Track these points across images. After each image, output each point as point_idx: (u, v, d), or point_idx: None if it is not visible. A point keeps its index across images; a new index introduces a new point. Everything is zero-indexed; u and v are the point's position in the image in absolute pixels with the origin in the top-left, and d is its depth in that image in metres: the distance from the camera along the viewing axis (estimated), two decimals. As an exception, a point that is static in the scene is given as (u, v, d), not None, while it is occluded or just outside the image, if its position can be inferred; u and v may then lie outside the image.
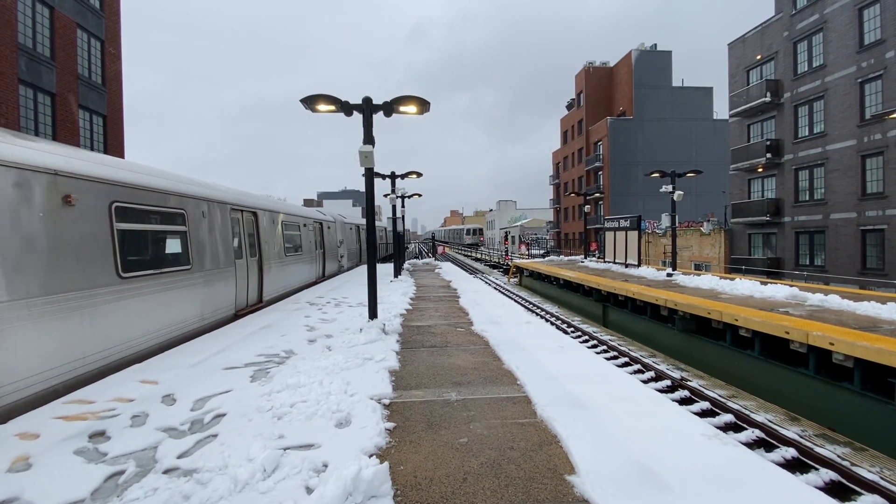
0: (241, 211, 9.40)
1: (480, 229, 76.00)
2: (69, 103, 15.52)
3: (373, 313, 7.35)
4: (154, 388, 4.66)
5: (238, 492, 2.79)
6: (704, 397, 8.38)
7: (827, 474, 5.73)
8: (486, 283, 25.56)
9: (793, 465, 6.09)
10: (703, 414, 7.80)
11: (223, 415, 3.98)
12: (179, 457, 3.25)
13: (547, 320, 16.10)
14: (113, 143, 17.87)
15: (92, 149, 16.76)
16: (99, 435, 3.61)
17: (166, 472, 3.05)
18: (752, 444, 6.70)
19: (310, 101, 6.79)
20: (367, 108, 6.96)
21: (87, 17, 16.74)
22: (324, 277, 16.32)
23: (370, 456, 3.21)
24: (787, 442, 6.56)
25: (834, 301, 9.92)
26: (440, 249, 51.06)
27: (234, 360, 5.69)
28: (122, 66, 18.66)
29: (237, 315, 8.71)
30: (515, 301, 19.73)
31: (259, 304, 10.01)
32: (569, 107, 54.97)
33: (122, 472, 3.04)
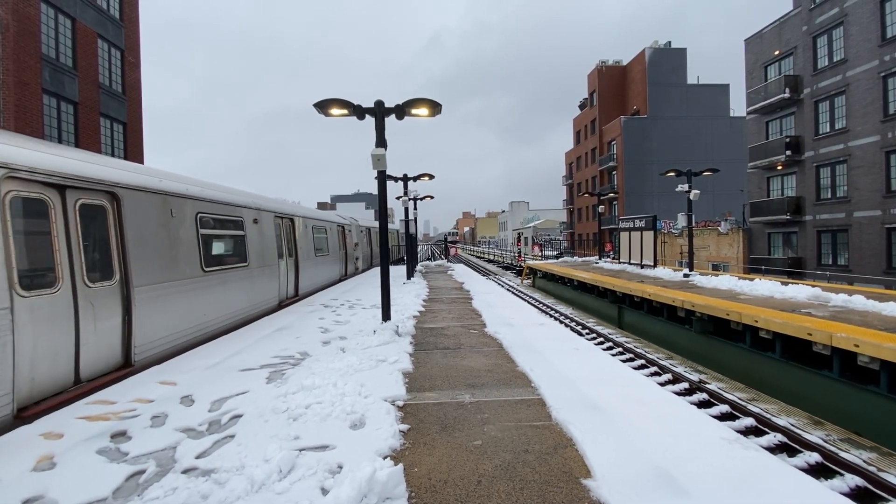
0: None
1: (456, 232, 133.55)
2: (91, 111, 15.95)
3: (386, 315, 7.38)
4: (173, 389, 4.75)
5: (255, 492, 2.82)
6: (723, 400, 8.21)
7: (853, 480, 5.57)
8: (499, 284, 25.48)
9: (816, 471, 5.93)
10: (722, 417, 7.65)
11: (240, 416, 4.04)
12: (198, 457, 3.30)
13: (561, 322, 15.97)
14: (132, 150, 18.31)
15: (112, 154, 17.20)
16: (120, 435, 3.69)
17: (185, 471, 3.10)
18: (774, 449, 6.54)
19: (323, 106, 6.87)
20: (379, 112, 7.00)
21: (108, 28, 17.19)
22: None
23: (384, 457, 3.22)
24: (811, 446, 6.39)
25: (858, 301, 9.64)
26: (452, 251, 51.07)
27: (250, 362, 5.76)
28: (140, 74, 19.12)
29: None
30: (528, 303, 19.62)
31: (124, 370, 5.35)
32: (581, 106, 54.54)
33: (142, 472, 3.10)
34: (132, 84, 18.54)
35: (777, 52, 24.10)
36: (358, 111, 6.99)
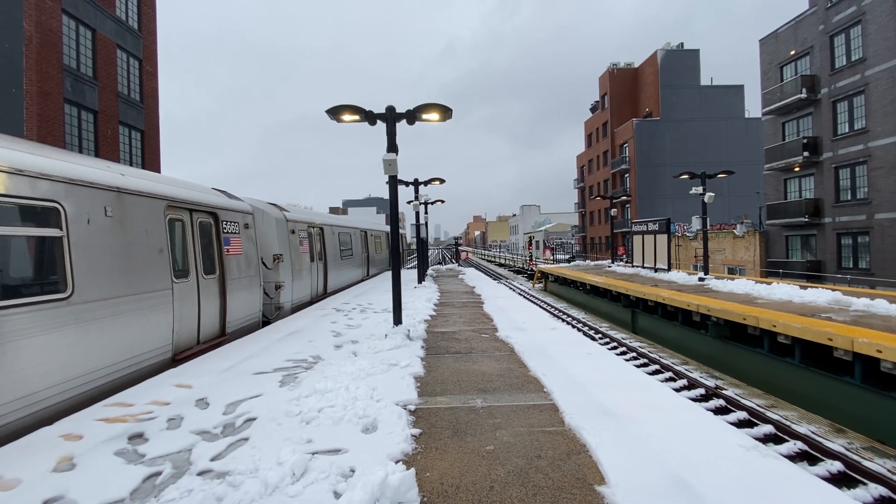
0: None
1: (460, 237, 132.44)
2: (110, 120, 16.35)
3: (397, 319, 7.40)
4: (188, 392, 4.81)
5: (268, 495, 2.84)
6: (741, 406, 8.05)
7: (876, 490, 5.41)
8: (510, 288, 25.39)
9: (839, 480, 5.77)
10: (739, 424, 7.49)
11: (254, 419, 4.07)
12: (213, 459, 3.33)
13: (573, 326, 15.84)
14: (150, 157, 18.70)
15: (130, 162, 17.59)
16: (137, 437, 3.75)
17: (200, 473, 3.14)
18: (794, 457, 6.39)
19: (335, 112, 6.94)
20: (391, 117, 7.05)
21: (126, 38, 17.64)
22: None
23: (397, 462, 3.21)
24: (832, 455, 6.22)
25: (881, 305, 9.40)
26: (463, 255, 51.09)
27: (264, 366, 5.82)
28: (158, 83, 19.55)
29: None
30: (540, 307, 19.50)
31: None
32: (593, 109, 54.26)
33: (159, 474, 3.15)
34: (150, 93, 18.97)
35: (793, 52, 23.72)
36: (369, 117, 7.05)
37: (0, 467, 3.17)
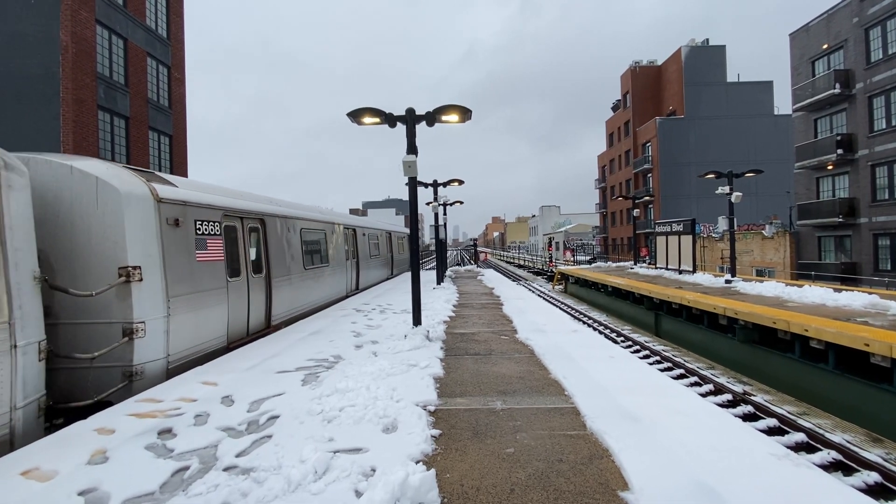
0: None
1: (476, 240, 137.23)
2: (141, 125, 16.94)
3: (417, 320, 7.43)
4: (214, 390, 4.93)
5: (291, 491, 2.89)
6: (771, 413, 7.78)
7: (919, 503, 5.15)
8: (530, 290, 25.20)
9: (876, 491, 5.52)
10: (769, 431, 7.25)
11: (277, 417, 4.15)
12: (238, 455, 3.41)
13: (595, 329, 15.61)
14: (177, 161, 19.28)
15: (159, 166, 18.16)
16: (166, 432, 3.86)
17: (226, 469, 3.21)
18: (828, 467, 6.14)
19: (356, 115, 7.02)
20: (410, 119, 7.09)
21: (156, 46, 18.24)
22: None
23: (417, 462, 3.22)
24: (869, 465, 5.96)
25: (922, 310, 8.96)
26: (482, 256, 50.97)
27: (286, 365, 5.92)
28: (185, 89, 20.14)
29: None
30: (561, 309, 19.29)
31: None
32: (614, 108, 53.44)
33: (186, 468, 3.23)
34: (178, 98, 19.56)
35: (825, 46, 22.87)
36: (389, 119, 7.11)
37: (38, 459, 3.32)
